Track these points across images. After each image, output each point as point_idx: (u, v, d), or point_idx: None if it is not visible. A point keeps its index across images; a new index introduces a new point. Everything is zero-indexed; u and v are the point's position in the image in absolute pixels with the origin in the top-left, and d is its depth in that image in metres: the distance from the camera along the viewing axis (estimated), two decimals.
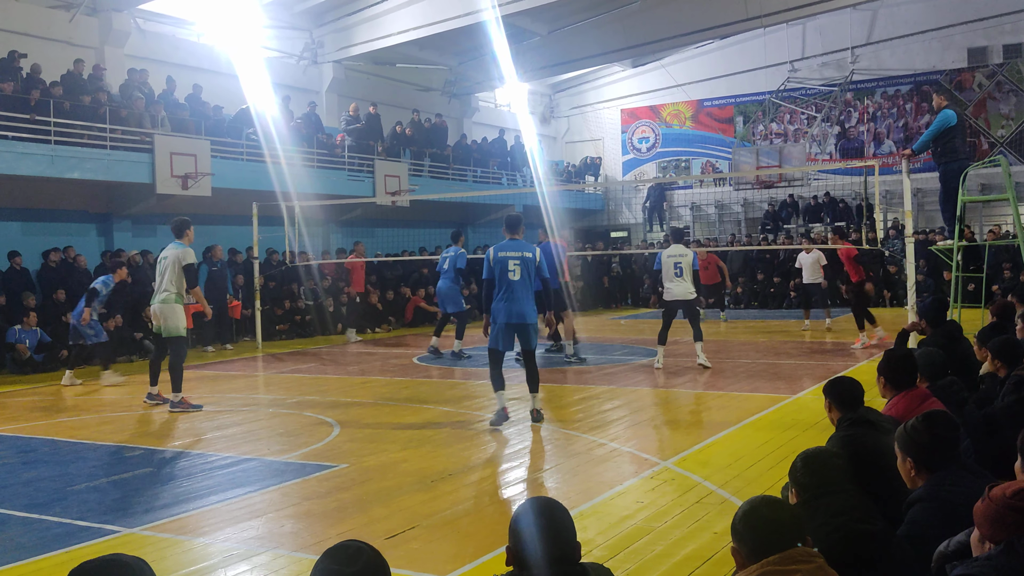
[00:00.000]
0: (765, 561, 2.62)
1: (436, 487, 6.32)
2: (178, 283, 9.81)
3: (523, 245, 8.46)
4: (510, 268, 8.28)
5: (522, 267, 8.31)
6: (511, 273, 8.27)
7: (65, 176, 15.09)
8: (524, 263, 8.33)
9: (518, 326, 8.37)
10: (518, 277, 8.28)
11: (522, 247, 8.42)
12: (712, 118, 29.86)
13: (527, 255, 8.37)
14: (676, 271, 11.94)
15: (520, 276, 8.30)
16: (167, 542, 5.27)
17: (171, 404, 9.72)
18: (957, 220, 11.14)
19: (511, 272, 8.28)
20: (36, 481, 6.79)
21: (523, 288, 8.32)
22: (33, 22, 17.16)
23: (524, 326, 8.37)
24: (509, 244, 8.48)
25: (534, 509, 2.68)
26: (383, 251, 22.63)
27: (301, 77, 22.92)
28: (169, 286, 9.79)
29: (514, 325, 8.34)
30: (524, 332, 8.43)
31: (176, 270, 9.79)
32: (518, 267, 8.29)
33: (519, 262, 8.30)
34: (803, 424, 8.07)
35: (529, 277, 8.37)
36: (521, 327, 8.38)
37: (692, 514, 5.46)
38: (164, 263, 9.91)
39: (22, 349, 13.79)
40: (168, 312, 9.81)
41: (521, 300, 8.31)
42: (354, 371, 13.03)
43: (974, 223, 23.02)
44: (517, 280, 8.29)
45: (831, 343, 14.98)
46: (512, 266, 8.27)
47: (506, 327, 8.36)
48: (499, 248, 8.44)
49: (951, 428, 3.51)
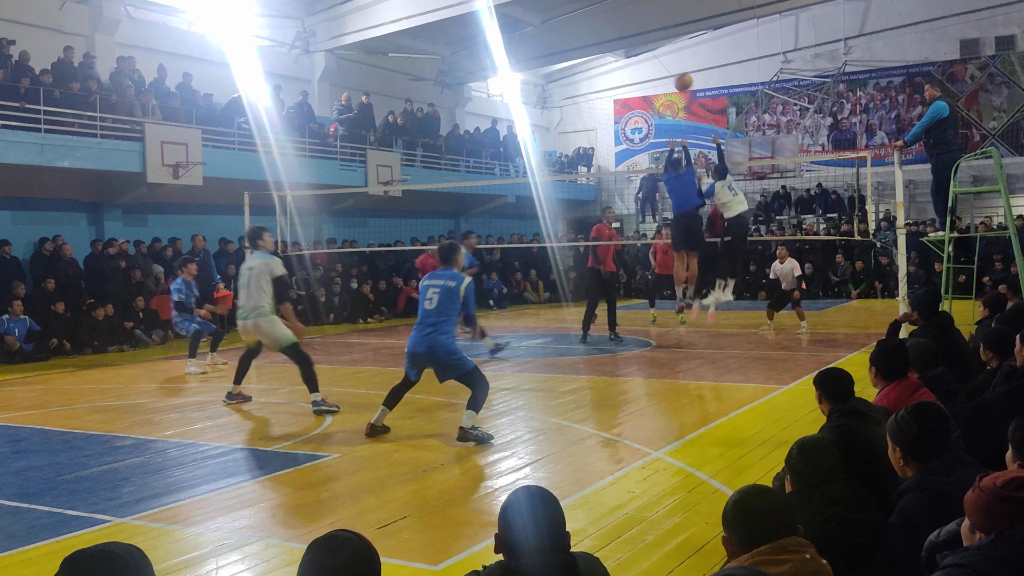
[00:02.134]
0: (756, 551, 2.63)
1: (427, 477, 6.32)
2: (268, 295, 8.91)
3: (450, 275, 7.62)
4: (428, 296, 7.55)
5: (440, 294, 7.50)
6: (428, 302, 7.53)
7: (55, 165, 15.01)
8: (444, 291, 7.50)
9: (422, 356, 7.59)
10: (433, 306, 7.49)
11: (447, 276, 7.60)
12: (705, 109, 29.84)
13: (449, 284, 7.51)
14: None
15: (435, 305, 7.48)
16: (158, 531, 5.25)
17: (314, 404, 8.77)
18: (948, 211, 11.16)
19: (428, 300, 7.54)
20: (27, 470, 6.77)
21: (436, 316, 7.49)
22: (22, 9, 17.03)
23: (428, 357, 7.58)
24: (437, 273, 7.73)
25: (523, 498, 2.67)
26: (375, 241, 22.58)
27: (293, 66, 22.82)
28: (261, 300, 8.89)
29: (419, 355, 7.60)
30: (431, 364, 7.63)
31: (266, 281, 8.91)
32: (436, 295, 7.50)
33: (438, 290, 7.51)
34: (794, 415, 8.10)
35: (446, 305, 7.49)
36: (425, 357, 7.59)
37: (683, 504, 5.47)
38: (249, 275, 8.99)
39: (11, 340, 13.73)
40: (267, 326, 8.88)
41: (428, 329, 7.49)
42: (346, 361, 13.01)
43: (965, 215, 23.08)
44: (432, 308, 7.51)
45: (822, 335, 15.01)
46: (430, 294, 7.52)
47: (411, 356, 7.68)
48: (427, 276, 7.80)
49: (940, 419, 3.52)
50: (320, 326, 18.19)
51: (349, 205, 21.84)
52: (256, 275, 8.95)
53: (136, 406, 9.69)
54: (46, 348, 14.08)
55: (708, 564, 4.44)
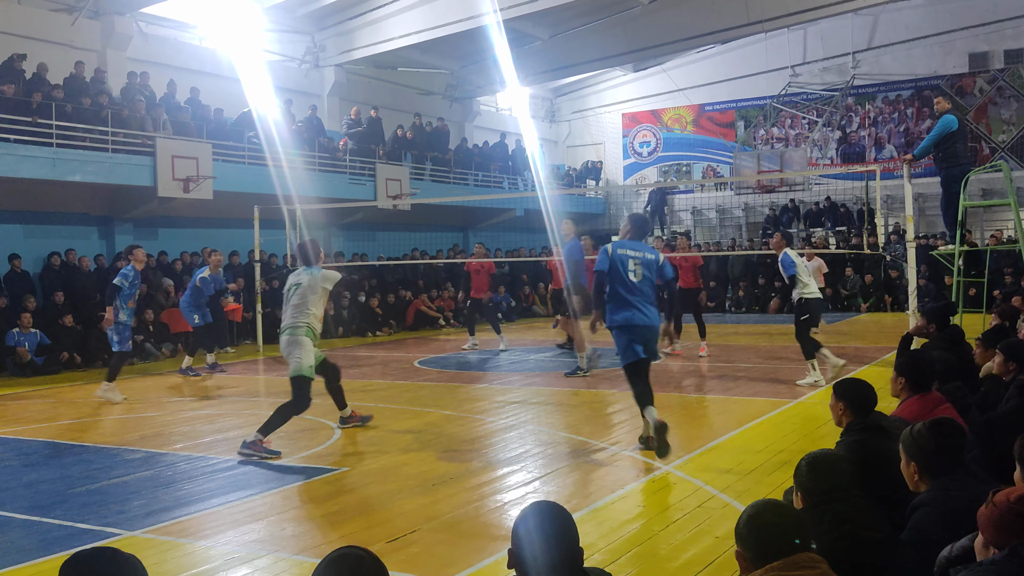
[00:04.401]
0: (769, 567, 2.62)
1: (437, 491, 6.31)
2: (312, 313, 8.14)
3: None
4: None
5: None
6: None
7: (67, 179, 15.09)
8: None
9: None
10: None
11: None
12: (713, 122, 29.87)
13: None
14: (807, 270, 11.31)
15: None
16: (168, 545, 5.26)
17: (243, 444, 7.64)
18: (958, 225, 11.14)
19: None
20: (37, 484, 6.79)
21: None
22: (35, 25, 17.18)
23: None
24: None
25: (537, 513, 2.66)
26: (384, 254, 22.63)
27: (303, 81, 22.95)
28: (298, 318, 8.07)
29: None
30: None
31: (314, 296, 8.15)
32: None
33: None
34: (805, 429, 8.06)
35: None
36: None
37: (694, 518, 5.45)
38: (295, 289, 8.21)
39: (22, 352, 13.79)
40: (290, 346, 8.01)
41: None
42: (355, 375, 13.02)
43: (975, 228, 23.03)
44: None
45: (832, 349, 14.93)
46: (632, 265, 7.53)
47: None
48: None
49: (957, 435, 3.49)
50: (329, 339, 18.20)
51: (358, 219, 21.90)
52: (305, 288, 8.16)
53: (146, 419, 9.71)
54: (57, 361, 14.13)
55: None
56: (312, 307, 8.11)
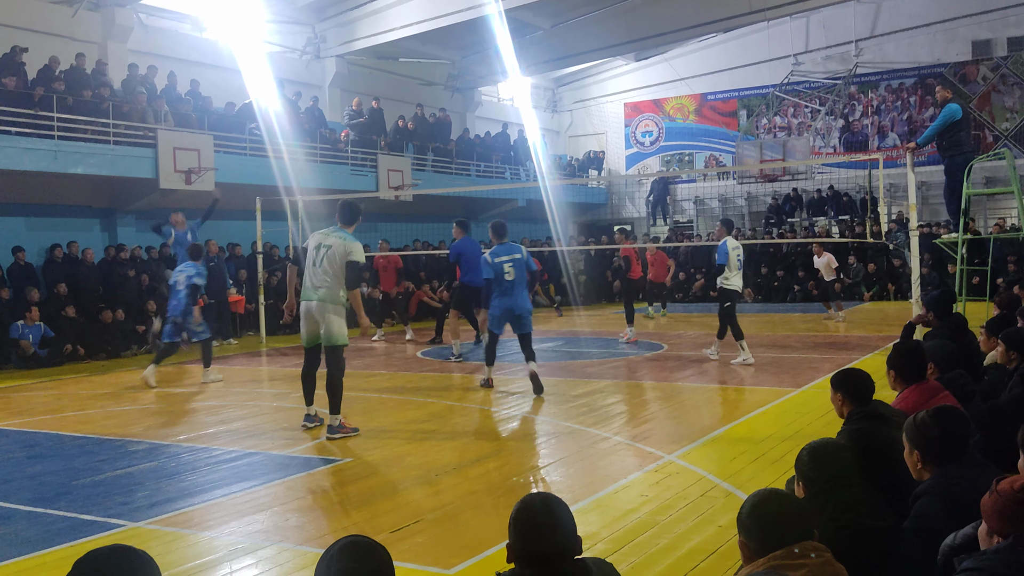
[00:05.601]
0: (772, 555, 2.61)
1: (440, 481, 6.32)
2: (340, 278, 7.86)
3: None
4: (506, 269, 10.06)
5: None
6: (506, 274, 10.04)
7: (68, 171, 15.09)
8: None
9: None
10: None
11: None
12: (716, 112, 29.80)
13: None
14: (739, 263, 11.90)
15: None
16: (172, 536, 5.27)
17: (329, 429, 7.81)
18: (962, 213, 11.12)
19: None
20: (41, 475, 6.80)
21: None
22: (36, 17, 17.15)
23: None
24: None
25: (532, 505, 2.66)
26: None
27: (304, 71, 22.90)
28: (334, 285, 7.83)
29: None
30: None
31: (340, 265, 7.85)
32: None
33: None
34: (808, 418, 8.06)
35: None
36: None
37: (697, 507, 5.45)
38: (325, 251, 7.91)
39: (26, 345, 13.81)
40: (331, 316, 7.85)
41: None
42: (358, 365, 13.03)
43: (979, 216, 22.96)
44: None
45: (836, 337, 14.95)
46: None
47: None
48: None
49: (961, 423, 3.48)
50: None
51: (360, 210, 21.86)
52: (333, 255, 7.86)
53: (149, 411, 9.73)
54: (60, 353, 14.16)
55: (722, 568, 4.42)
56: (339, 274, 7.85)
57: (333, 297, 7.84)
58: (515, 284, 9.93)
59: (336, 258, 7.84)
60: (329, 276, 7.85)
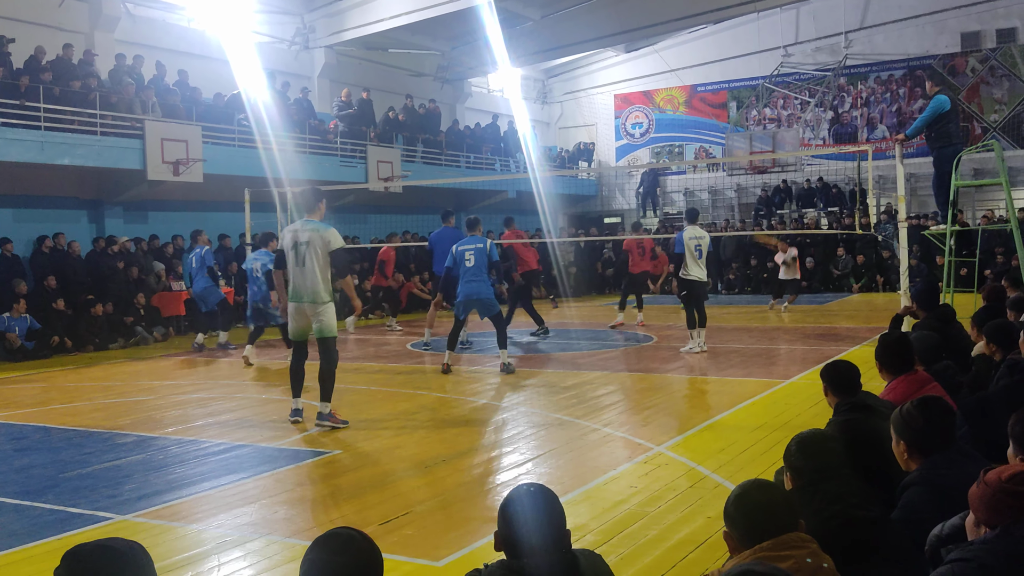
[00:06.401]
0: (758, 547, 2.61)
1: (430, 473, 6.31)
2: (326, 271, 7.95)
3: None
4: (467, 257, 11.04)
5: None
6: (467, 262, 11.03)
7: (55, 162, 14.99)
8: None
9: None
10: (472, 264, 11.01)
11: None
12: (705, 103, 29.81)
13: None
14: (697, 253, 11.99)
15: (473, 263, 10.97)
16: (160, 528, 5.25)
17: (319, 416, 7.89)
18: (950, 205, 11.14)
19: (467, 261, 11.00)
20: (29, 468, 6.77)
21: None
22: (22, 7, 17.00)
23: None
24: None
25: (523, 496, 2.66)
26: (376, 237, 22.55)
27: (293, 62, 22.79)
28: (318, 284, 7.90)
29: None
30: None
31: (323, 255, 7.90)
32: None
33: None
34: (797, 409, 8.09)
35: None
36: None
37: (686, 499, 5.46)
38: (305, 248, 7.91)
39: (12, 338, 13.73)
40: (321, 311, 7.95)
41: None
42: (347, 357, 13.01)
43: (967, 208, 23.05)
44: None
45: (824, 329, 15.00)
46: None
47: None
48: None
49: (946, 414, 3.50)
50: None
51: (350, 202, 21.81)
52: (312, 250, 7.86)
53: (137, 403, 9.69)
54: (47, 346, 14.09)
55: (710, 559, 4.43)
56: (322, 266, 7.88)
57: (323, 294, 7.94)
58: (475, 270, 10.87)
59: (318, 251, 7.88)
60: (316, 273, 7.89)
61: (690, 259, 11.95)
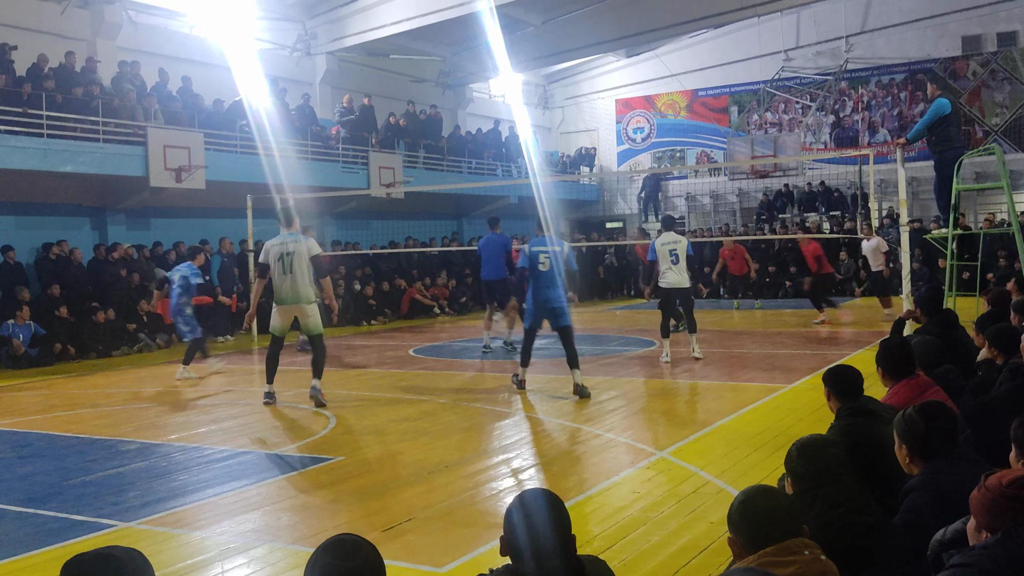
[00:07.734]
0: (762, 552, 2.62)
1: (433, 479, 6.32)
2: (310, 280, 9.45)
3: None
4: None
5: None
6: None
7: (58, 170, 15.03)
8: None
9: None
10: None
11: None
12: (707, 108, 29.82)
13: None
14: (672, 259, 11.85)
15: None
16: (163, 536, 5.26)
17: (313, 388, 9.28)
18: (952, 208, 11.14)
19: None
20: (32, 475, 6.78)
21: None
22: (24, 14, 17.06)
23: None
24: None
25: (528, 500, 2.67)
26: (378, 243, 22.58)
27: (294, 69, 22.84)
28: (302, 288, 9.36)
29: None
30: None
31: (306, 264, 9.35)
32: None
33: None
34: (799, 414, 8.08)
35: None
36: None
37: (688, 504, 5.46)
38: (291, 258, 9.28)
39: (16, 345, 13.75)
40: (307, 308, 9.46)
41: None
42: (350, 363, 13.02)
43: (969, 211, 23.05)
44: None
45: (827, 333, 14.99)
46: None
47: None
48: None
49: (948, 418, 3.50)
50: (326, 328, 18.16)
51: (351, 208, 21.85)
52: (298, 257, 9.28)
53: (141, 410, 9.70)
54: (51, 353, 14.11)
55: (713, 565, 4.43)
56: (307, 273, 9.32)
57: (308, 296, 9.41)
58: (551, 275, 9.66)
59: (303, 259, 9.31)
60: (303, 277, 9.31)
61: (665, 266, 11.79)
